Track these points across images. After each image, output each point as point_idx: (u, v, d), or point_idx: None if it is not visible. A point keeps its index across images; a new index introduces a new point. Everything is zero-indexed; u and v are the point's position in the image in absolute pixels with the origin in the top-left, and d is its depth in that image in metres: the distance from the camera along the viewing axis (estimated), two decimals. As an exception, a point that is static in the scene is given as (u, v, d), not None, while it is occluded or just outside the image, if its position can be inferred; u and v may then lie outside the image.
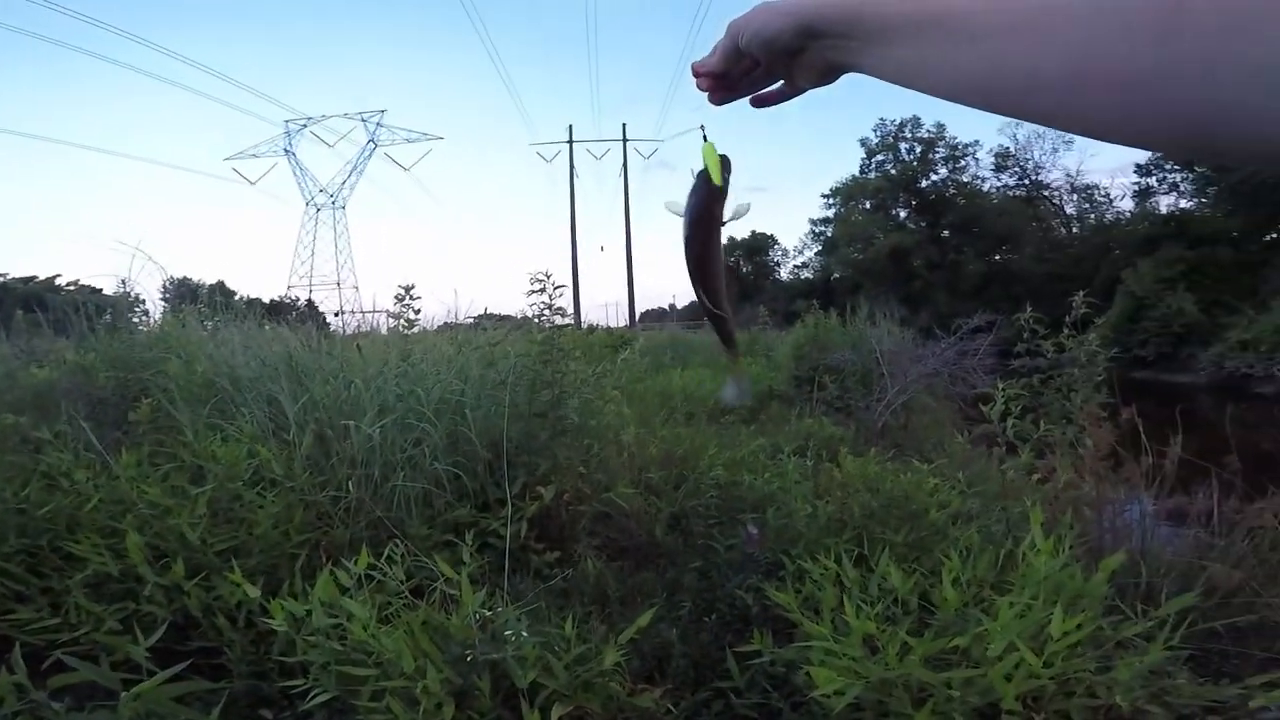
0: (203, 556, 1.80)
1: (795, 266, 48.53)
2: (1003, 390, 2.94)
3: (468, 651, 1.25)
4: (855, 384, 5.88)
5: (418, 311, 3.36)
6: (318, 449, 2.43)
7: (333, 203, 41.51)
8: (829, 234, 43.45)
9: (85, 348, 3.70)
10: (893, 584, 1.39)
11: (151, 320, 4.49)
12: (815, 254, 46.08)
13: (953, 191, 38.93)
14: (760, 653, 1.36)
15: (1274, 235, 23.80)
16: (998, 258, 36.45)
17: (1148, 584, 1.97)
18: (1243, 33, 0.27)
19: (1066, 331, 3.07)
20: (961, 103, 0.42)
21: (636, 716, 1.34)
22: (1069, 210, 37.57)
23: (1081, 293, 3.19)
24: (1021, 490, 2.43)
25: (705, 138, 0.70)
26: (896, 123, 40.66)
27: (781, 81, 0.60)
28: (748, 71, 0.59)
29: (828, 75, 0.54)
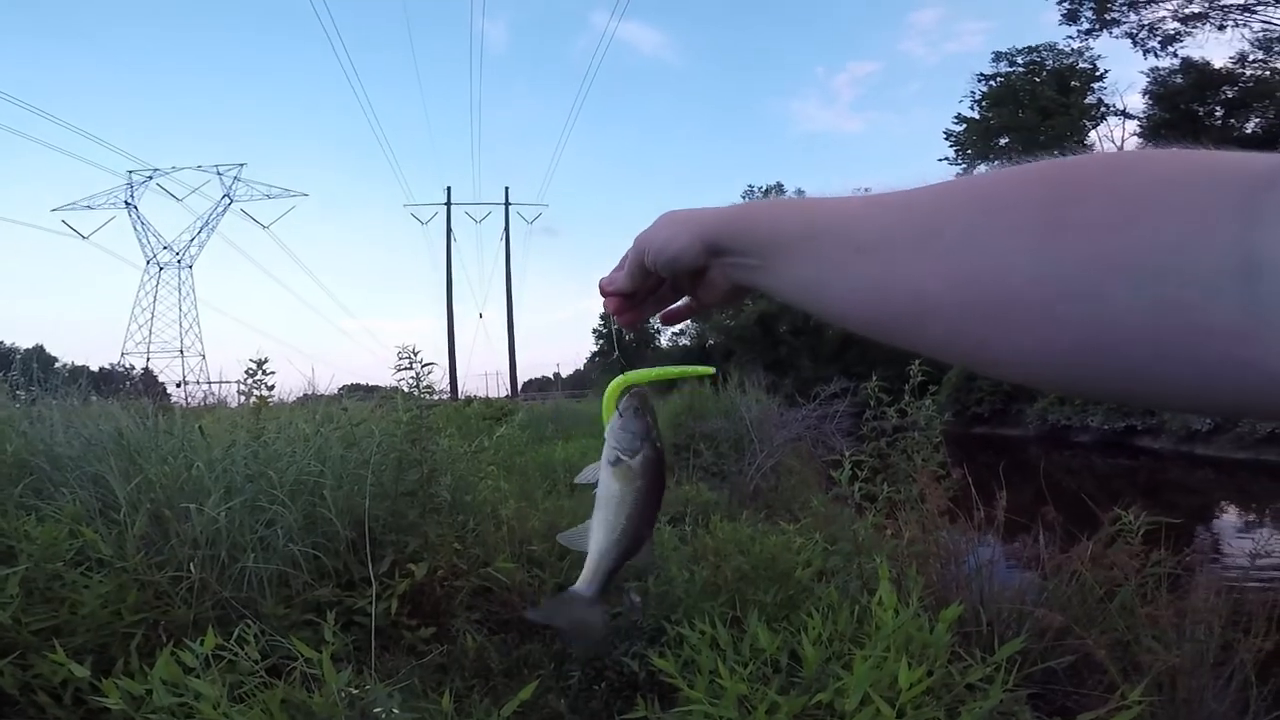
0: (17, 635, 1.66)
1: (673, 334, 50.56)
2: (849, 456, 3.24)
3: None
4: (729, 449, 6.14)
5: (271, 388, 3.16)
6: (154, 529, 2.22)
7: (178, 261, 37.68)
8: (704, 303, 45.75)
9: None
10: (762, 644, 1.46)
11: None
12: (691, 322, 48.29)
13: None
14: (647, 718, 1.36)
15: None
16: (852, 326, 40.09)
17: (988, 628, 2.18)
18: (1125, 231, 0.27)
19: (907, 398, 3.46)
20: (863, 329, 0.40)
21: (530, 791, 1.29)
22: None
23: (917, 363, 3.62)
24: (874, 546, 2.63)
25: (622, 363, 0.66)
26: (762, 189, 44.37)
27: (686, 298, 0.58)
28: (655, 289, 0.57)
29: (733, 296, 0.52)
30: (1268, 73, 21.70)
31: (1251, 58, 21.92)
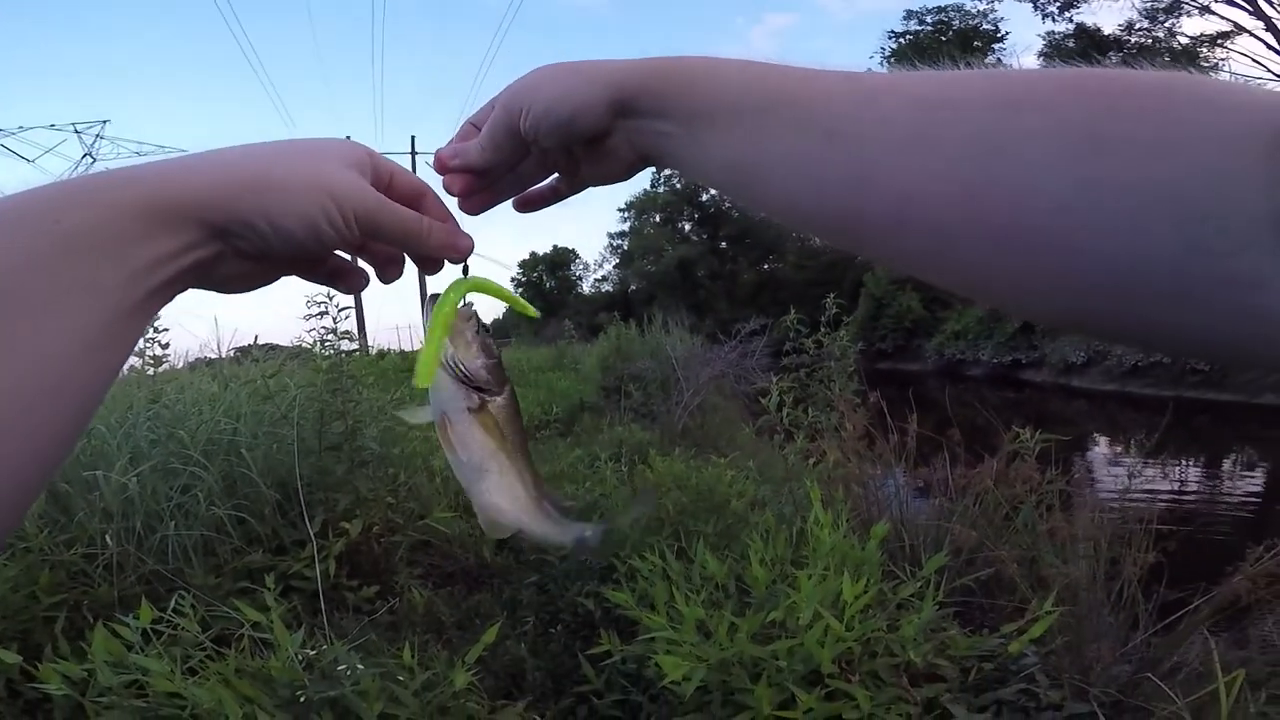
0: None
1: (596, 280, 50.14)
2: (777, 383, 3.39)
3: (299, 692, 1.14)
4: (656, 390, 6.25)
5: (165, 346, 2.91)
6: (53, 506, 2.07)
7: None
8: (625, 247, 45.60)
9: None
10: (711, 571, 1.53)
11: None
12: (614, 267, 48.02)
13: (728, 204, 43.24)
14: (610, 653, 1.41)
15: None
16: (767, 266, 41.09)
17: (910, 547, 2.36)
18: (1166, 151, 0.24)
19: (823, 330, 3.64)
20: (815, 228, 0.34)
21: (503, 733, 1.32)
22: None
23: (832, 296, 3.79)
24: (801, 473, 2.79)
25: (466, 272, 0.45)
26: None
27: (555, 175, 0.46)
28: (516, 163, 0.43)
29: (630, 171, 0.42)
30: (1150, 40, 23.19)
31: (1138, 25, 23.35)
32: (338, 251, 0.40)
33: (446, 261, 0.43)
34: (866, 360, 3.80)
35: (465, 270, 0.45)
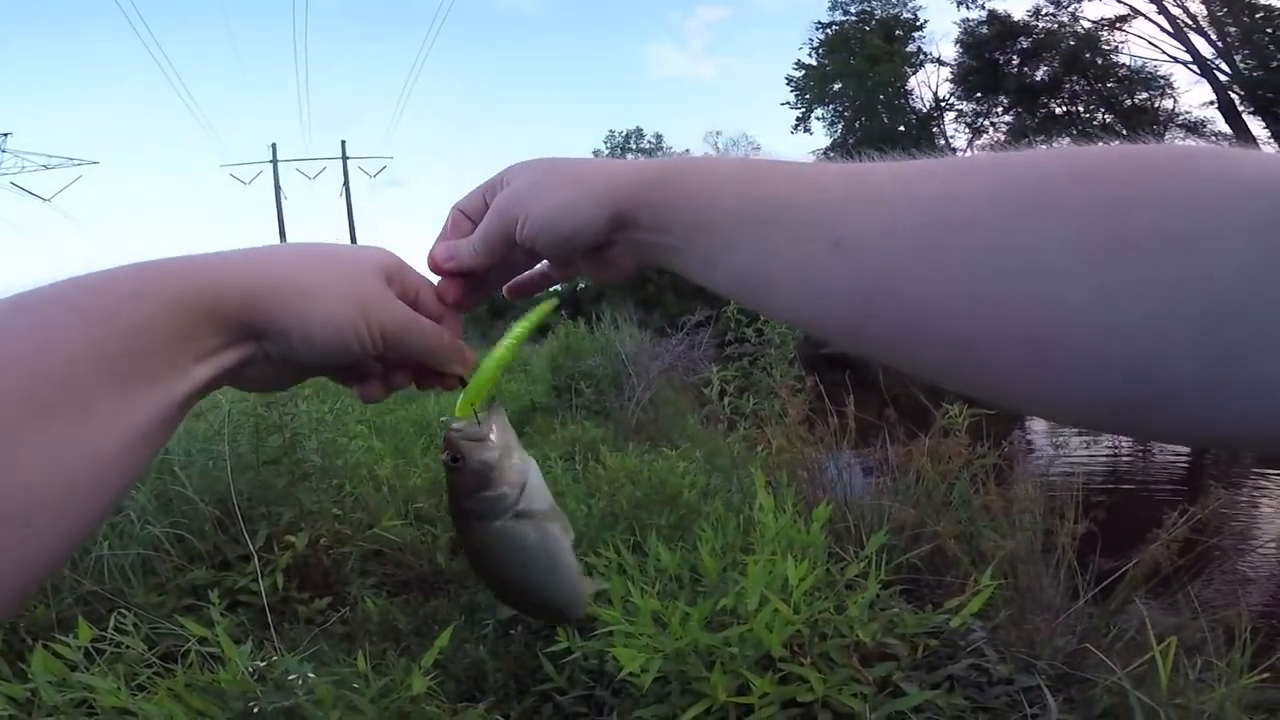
0: None
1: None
2: (717, 373, 3.46)
3: (252, 704, 1.12)
4: (608, 386, 6.26)
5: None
6: None
7: (-73, 243, 30.57)
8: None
9: None
10: (665, 563, 1.57)
11: None
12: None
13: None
14: (570, 650, 1.43)
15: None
16: (710, 259, 41.47)
17: (854, 528, 2.43)
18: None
19: (763, 319, 3.73)
20: (830, 337, 0.32)
21: (468, 735, 1.32)
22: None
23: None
24: (747, 460, 2.86)
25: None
26: (624, 134, 43.87)
27: (544, 263, 0.45)
28: (510, 264, 0.44)
29: (634, 274, 0.42)
30: (1055, 25, 24.46)
31: (1044, 11, 24.60)
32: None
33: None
34: (809, 346, 3.90)
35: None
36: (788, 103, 33.00)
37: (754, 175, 0.35)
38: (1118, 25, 23.09)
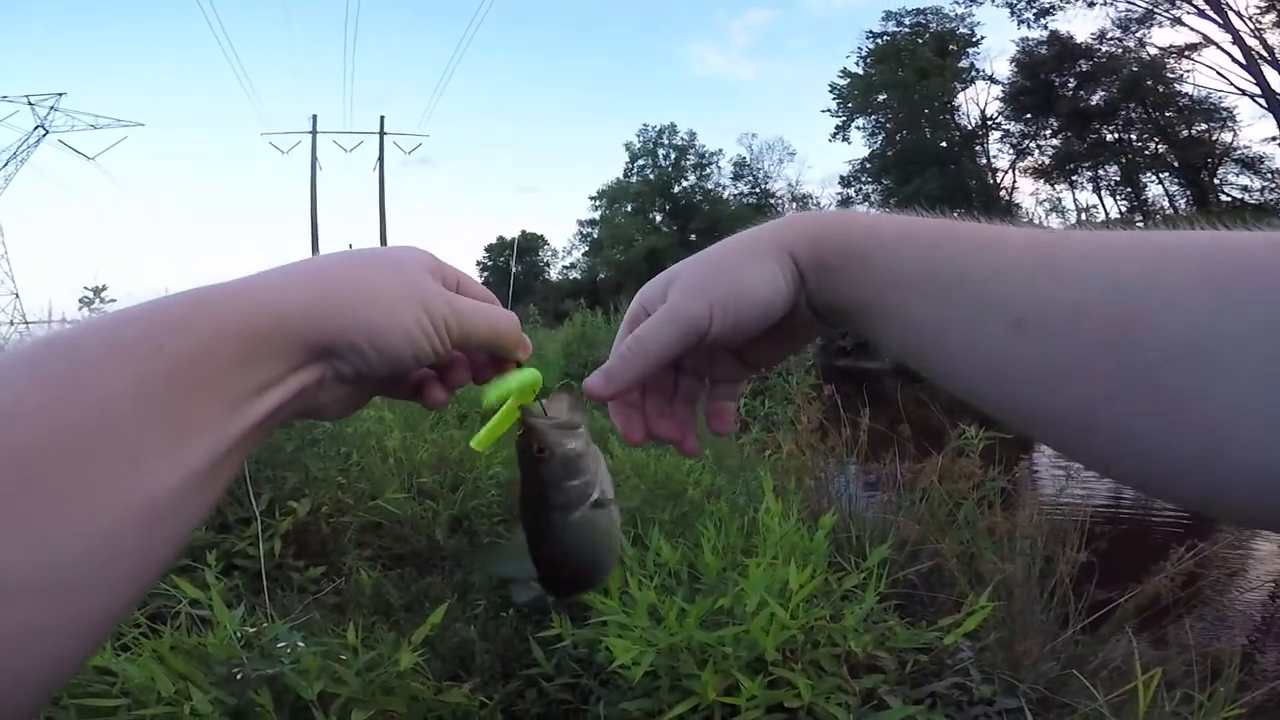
0: None
1: (564, 266, 49.80)
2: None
3: (236, 669, 1.11)
4: (620, 377, 6.26)
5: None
6: None
7: (-23, 194, 31.73)
8: (595, 235, 45.36)
9: None
10: (665, 558, 1.55)
11: None
12: (583, 254, 47.78)
13: (699, 198, 43.29)
14: (561, 636, 1.41)
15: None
16: (734, 261, 41.40)
17: (857, 539, 2.42)
18: None
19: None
20: (979, 408, 0.31)
21: (449, 714, 1.31)
22: (788, 216, 44.78)
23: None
24: (756, 463, 2.83)
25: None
26: (657, 128, 43.85)
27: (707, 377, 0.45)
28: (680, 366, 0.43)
29: (803, 344, 0.41)
30: (1120, 50, 23.92)
31: (1109, 35, 24.09)
32: None
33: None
34: (825, 356, 3.87)
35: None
36: (828, 110, 32.75)
37: (927, 236, 0.33)
38: (1186, 54, 22.50)
